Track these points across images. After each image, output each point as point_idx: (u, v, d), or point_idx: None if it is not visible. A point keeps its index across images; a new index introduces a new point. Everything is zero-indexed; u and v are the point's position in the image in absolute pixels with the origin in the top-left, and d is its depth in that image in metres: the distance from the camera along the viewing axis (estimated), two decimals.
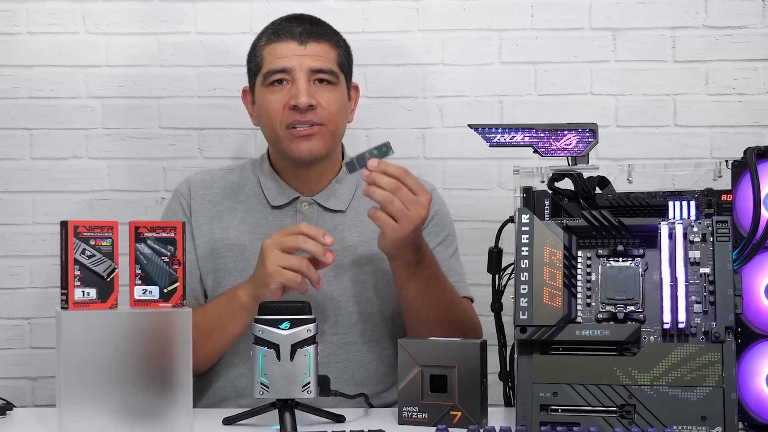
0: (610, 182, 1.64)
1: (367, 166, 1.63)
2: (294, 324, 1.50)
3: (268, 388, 1.49)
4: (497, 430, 1.37)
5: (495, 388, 1.70)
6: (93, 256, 1.48)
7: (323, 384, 1.54)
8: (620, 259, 1.51)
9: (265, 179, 1.93)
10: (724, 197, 1.56)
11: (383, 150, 1.64)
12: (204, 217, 1.92)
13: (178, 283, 1.52)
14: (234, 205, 1.92)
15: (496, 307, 1.75)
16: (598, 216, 1.51)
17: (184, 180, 1.99)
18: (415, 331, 1.81)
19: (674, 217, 1.53)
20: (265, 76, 1.86)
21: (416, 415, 1.55)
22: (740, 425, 1.45)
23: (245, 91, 1.97)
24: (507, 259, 1.73)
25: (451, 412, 1.53)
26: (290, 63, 1.84)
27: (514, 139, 1.58)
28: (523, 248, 1.50)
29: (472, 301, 1.96)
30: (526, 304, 1.47)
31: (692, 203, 1.53)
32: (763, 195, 1.49)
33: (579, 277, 1.51)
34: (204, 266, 1.90)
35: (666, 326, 1.44)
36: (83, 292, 1.47)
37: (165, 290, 1.51)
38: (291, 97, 1.83)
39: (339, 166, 1.95)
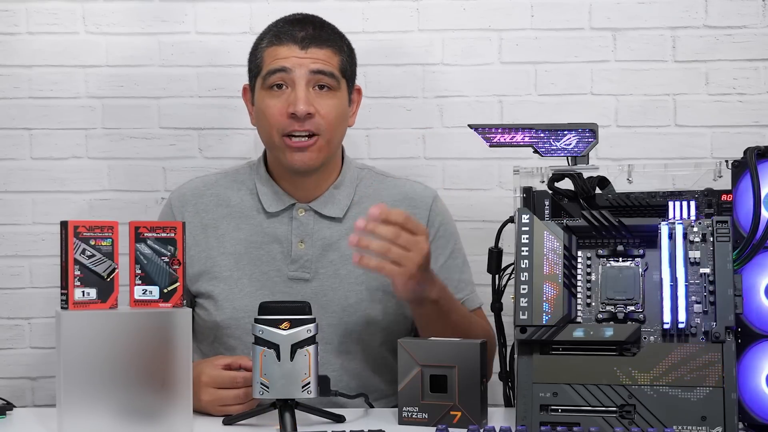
0: (610, 182, 1.64)
1: (369, 214, 1.60)
2: (294, 324, 1.50)
3: (268, 388, 1.49)
4: (497, 430, 1.37)
5: (495, 388, 1.70)
6: (93, 256, 1.48)
7: (323, 384, 1.54)
8: (620, 259, 1.51)
9: (261, 185, 1.90)
10: (724, 197, 1.56)
11: None
12: (198, 227, 1.89)
13: (178, 283, 1.52)
14: (228, 211, 1.90)
15: (496, 307, 1.75)
16: (598, 216, 1.51)
17: (176, 189, 1.96)
18: None
19: (674, 217, 1.53)
20: (264, 78, 1.84)
21: (416, 415, 1.55)
22: (740, 425, 1.45)
23: (245, 89, 1.95)
24: (507, 259, 1.73)
25: (451, 412, 1.53)
26: (290, 63, 1.81)
27: (514, 139, 1.58)
28: (523, 248, 1.50)
29: (481, 306, 1.95)
30: (526, 304, 1.47)
31: (692, 203, 1.53)
32: (763, 195, 1.49)
33: (579, 277, 1.51)
34: (197, 275, 1.87)
35: (666, 326, 1.44)
36: (83, 292, 1.47)
37: (165, 290, 1.51)
38: (290, 104, 1.80)
39: (338, 171, 1.92)
